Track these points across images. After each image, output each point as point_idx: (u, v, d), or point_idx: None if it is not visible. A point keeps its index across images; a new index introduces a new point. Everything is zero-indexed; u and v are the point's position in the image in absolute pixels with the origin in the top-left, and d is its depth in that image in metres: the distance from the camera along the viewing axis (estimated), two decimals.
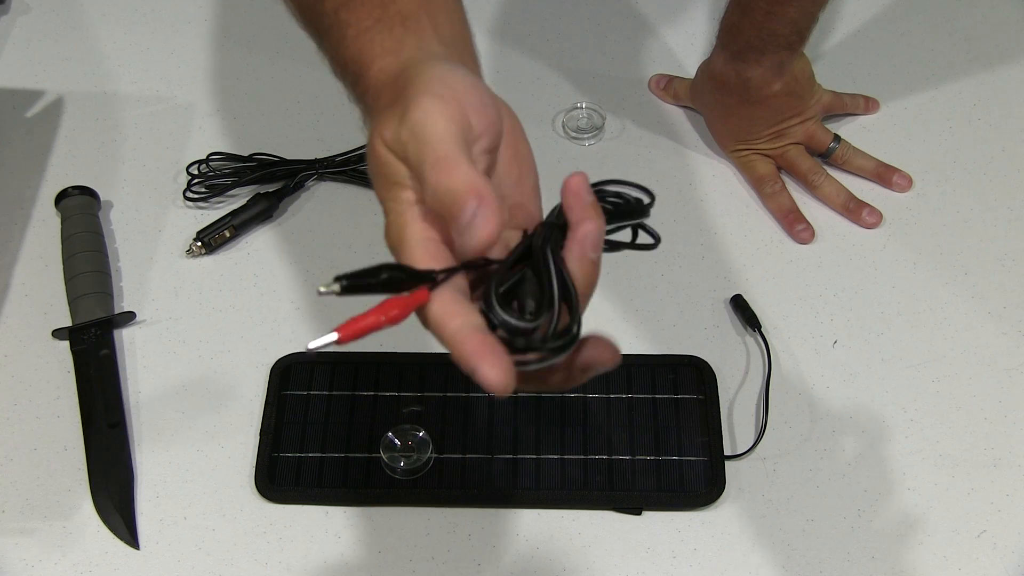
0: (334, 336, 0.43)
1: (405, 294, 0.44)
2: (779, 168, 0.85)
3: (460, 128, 0.45)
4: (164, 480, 0.72)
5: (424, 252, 0.45)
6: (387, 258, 0.85)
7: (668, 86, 0.91)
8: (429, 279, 0.44)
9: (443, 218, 0.44)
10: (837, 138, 0.85)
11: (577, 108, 0.91)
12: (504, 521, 0.70)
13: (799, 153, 0.85)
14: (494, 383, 0.41)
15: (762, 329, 0.77)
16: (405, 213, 0.46)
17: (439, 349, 0.78)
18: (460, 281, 0.45)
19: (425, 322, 0.45)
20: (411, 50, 0.50)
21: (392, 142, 0.46)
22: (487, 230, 0.42)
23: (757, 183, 0.85)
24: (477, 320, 0.43)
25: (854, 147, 0.86)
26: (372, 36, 0.51)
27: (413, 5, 0.52)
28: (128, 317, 0.78)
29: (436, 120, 0.44)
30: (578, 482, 0.70)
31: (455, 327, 0.43)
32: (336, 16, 0.53)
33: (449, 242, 0.45)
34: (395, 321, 0.44)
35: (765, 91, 0.81)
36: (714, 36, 0.83)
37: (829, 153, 0.85)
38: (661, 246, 0.82)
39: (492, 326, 0.43)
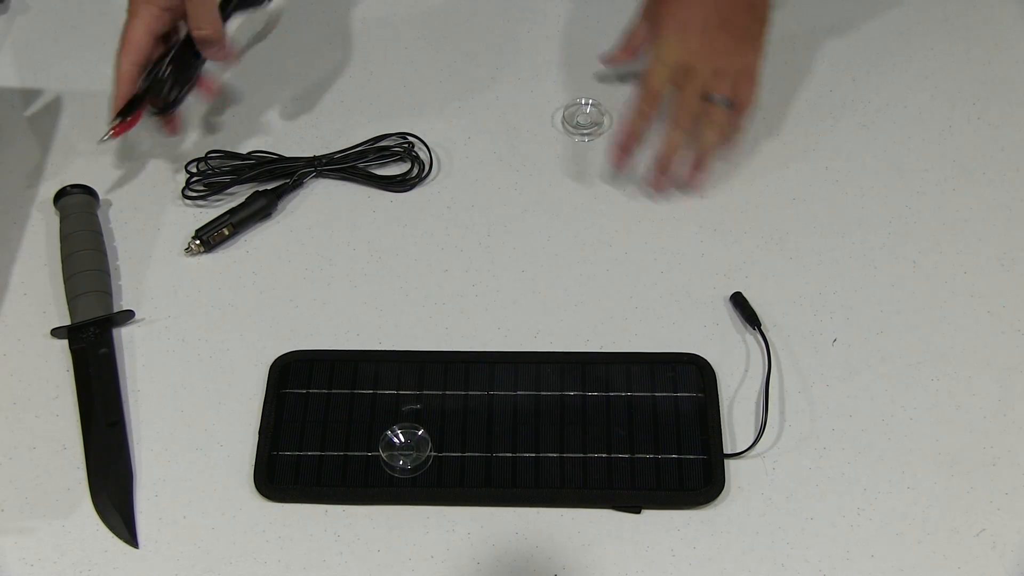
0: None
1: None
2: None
3: None
4: (163, 479, 0.72)
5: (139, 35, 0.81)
6: (382, 256, 0.85)
7: (627, 46, 0.89)
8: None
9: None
10: (728, 100, 0.82)
11: (577, 103, 0.91)
12: (503, 520, 0.70)
13: (699, 80, 0.82)
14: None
15: (762, 327, 0.77)
16: (146, 8, 0.81)
17: (438, 348, 0.78)
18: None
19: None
20: None
21: None
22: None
23: (645, 90, 0.83)
24: None
25: (727, 119, 0.83)
26: None
27: None
28: (127, 316, 0.78)
29: None
30: (577, 481, 0.70)
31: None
32: None
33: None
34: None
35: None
36: None
37: (711, 100, 0.82)
38: (661, 243, 0.82)
39: None
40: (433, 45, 0.91)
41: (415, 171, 0.86)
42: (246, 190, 0.85)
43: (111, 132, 0.81)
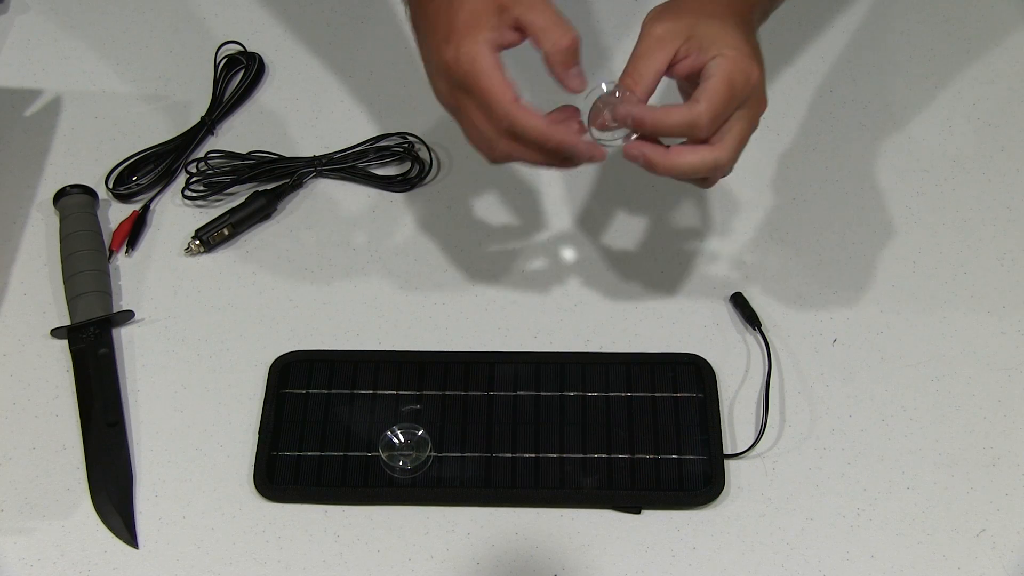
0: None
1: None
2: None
3: None
4: (163, 479, 0.72)
5: (503, 77, 0.63)
6: (382, 256, 0.85)
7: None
8: None
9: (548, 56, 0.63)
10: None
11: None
12: (503, 520, 0.70)
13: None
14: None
15: (762, 327, 0.77)
16: (489, 50, 0.63)
17: (438, 348, 0.78)
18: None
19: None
20: None
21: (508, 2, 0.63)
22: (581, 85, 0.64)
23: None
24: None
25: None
26: None
27: None
28: (127, 316, 0.78)
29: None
30: (577, 481, 0.70)
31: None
32: None
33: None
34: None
35: None
36: None
37: None
38: (662, 243, 0.82)
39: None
40: None
41: (415, 171, 0.86)
42: (246, 190, 0.85)
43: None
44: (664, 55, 0.64)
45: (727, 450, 0.72)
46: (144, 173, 0.86)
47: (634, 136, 0.64)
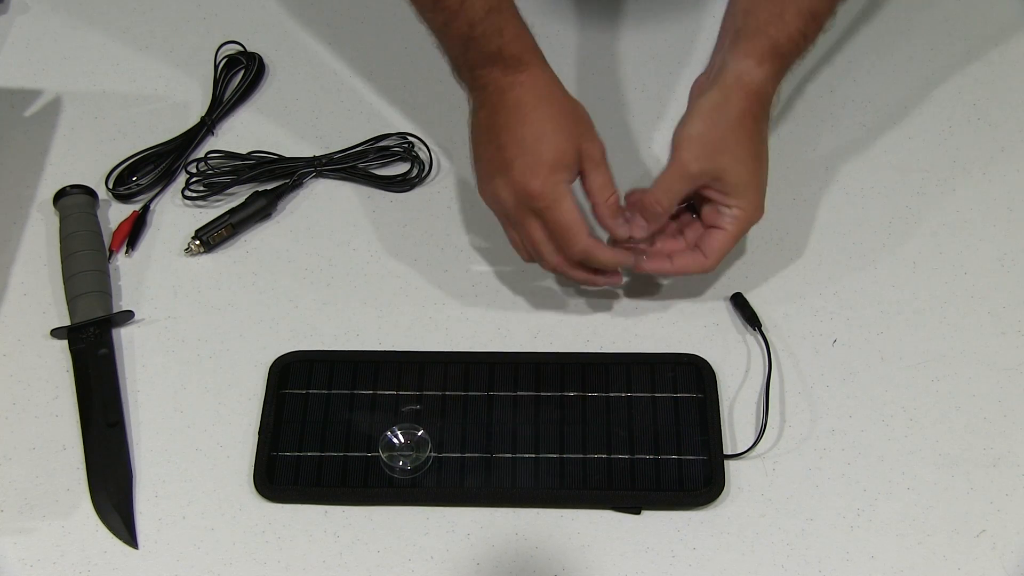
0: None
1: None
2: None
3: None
4: (163, 479, 0.72)
5: (581, 216, 0.71)
6: (382, 256, 0.85)
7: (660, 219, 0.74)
8: None
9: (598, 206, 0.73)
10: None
11: None
12: (503, 520, 0.70)
13: None
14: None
15: (762, 327, 0.77)
16: (569, 191, 0.71)
17: (438, 348, 0.78)
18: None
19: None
20: (531, 46, 0.75)
21: (584, 154, 0.72)
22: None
23: (719, 254, 0.74)
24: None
25: None
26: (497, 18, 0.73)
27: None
28: (127, 316, 0.78)
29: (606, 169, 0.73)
30: (577, 481, 0.70)
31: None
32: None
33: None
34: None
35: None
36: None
37: None
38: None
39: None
40: (433, 45, 0.91)
41: (415, 171, 0.86)
42: (246, 190, 0.85)
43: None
44: (689, 188, 0.73)
45: (727, 450, 0.72)
46: (144, 173, 0.86)
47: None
